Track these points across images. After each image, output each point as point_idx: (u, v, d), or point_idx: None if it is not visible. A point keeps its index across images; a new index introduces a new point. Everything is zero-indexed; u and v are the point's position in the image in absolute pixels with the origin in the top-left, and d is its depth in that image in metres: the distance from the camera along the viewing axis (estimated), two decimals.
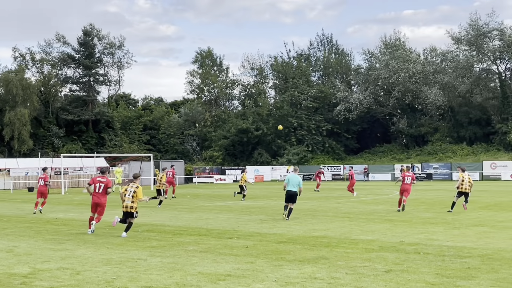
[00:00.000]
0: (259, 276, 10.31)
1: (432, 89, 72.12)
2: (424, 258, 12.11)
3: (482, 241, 14.64)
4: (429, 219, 20.37)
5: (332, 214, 23.10)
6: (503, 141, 68.73)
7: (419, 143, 77.45)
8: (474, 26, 70.48)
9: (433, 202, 28.90)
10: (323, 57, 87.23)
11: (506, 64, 73.65)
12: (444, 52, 76.73)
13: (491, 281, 9.71)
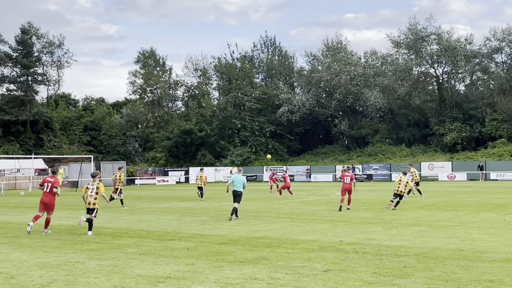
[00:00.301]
0: (199, 278, 10.27)
1: (372, 92, 73.57)
2: (362, 258, 12.32)
3: (418, 240, 15.00)
4: (368, 219, 20.74)
5: (274, 215, 23.23)
6: (440, 142, 70.74)
7: (360, 144, 78.85)
8: (413, 30, 72.30)
9: (373, 202, 29.46)
10: (267, 59, 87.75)
11: (443, 68, 75.90)
12: (384, 55, 78.44)
13: (426, 279, 9.96)
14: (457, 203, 28.08)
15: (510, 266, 11.11)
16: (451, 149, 69.48)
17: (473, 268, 10.96)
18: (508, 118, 66.48)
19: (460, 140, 68.38)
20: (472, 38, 72.94)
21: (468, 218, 20.74)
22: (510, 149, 64.08)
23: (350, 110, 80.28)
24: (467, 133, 68.76)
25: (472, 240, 14.94)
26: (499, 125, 66.54)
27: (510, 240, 14.73)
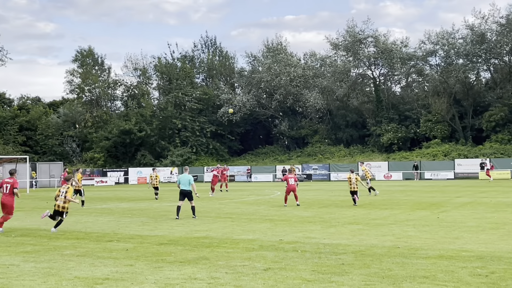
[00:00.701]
0: (138, 279, 10.17)
1: (312, 93, 74.52)
2: (301, 256, 12.47)
3: (356, 238, 15.29)
4: (307, 218, 20.99)
5: (214, 215, 23.22)
6: (377, 143, 72.32)
7: (299, 144, 79.71)
8: (351, 33, 73.61)
9: (312, 201, 29.82)
10: (207, 59, 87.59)
11: (380, 70, 77.67)
12: (323, 57, 79.60)
13: (363, 276, 10.18)
14: (393, 201, 28.77)
15: (444, 262, 11.47)
16: (387, 149, 71.15)
17: (408, 264, 11.27)
18: (442, 119, 68.61)
19: (396, 141, 70.11)
20: (407, 41, 75.02)
21: (404, 216, 21.27)
22: (443, 149, 66.16)
23: (290, 110, 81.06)
24: (403, 134, 70.56)
25: (407, 237, 15.34)
26: (433, 126, 68.59)
27: (443, 237, 15.19)
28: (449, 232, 16.22)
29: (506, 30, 64.93)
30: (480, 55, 68.09)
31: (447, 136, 69.39)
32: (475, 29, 67.62)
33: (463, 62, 69.63)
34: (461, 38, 69.91)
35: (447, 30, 71.13)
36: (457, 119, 70.16)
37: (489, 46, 66.76)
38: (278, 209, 25.12)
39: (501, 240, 14.52)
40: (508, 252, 12.51)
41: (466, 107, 71.33)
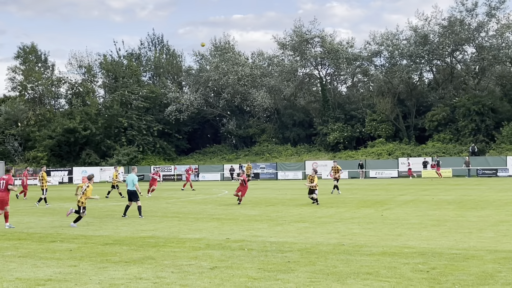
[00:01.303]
0: (82, 279, 10.00)
1: (259, 92, 74.77)
2: (248, 254, 12.52)
3: (302, 236, 15.45)
4: (254, 217, 21.08)
5: (161, 214, 23.05)
6: (324, 142, 73.14)
7: (247, 143, 79.87)
8: (298, 33, 74.18)
9: (259, 200, 29.93)
10: (154, 57, 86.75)
11: (326, 70, 78.50)
12: (270, 56, 79.95)
13: (308, 273, 10.30)
14: (339, 200, 29.18)
15: (387, 258, 11.72)
16: (333, 148, 72.07)
17: (352, 261, 11.46)
18: (386, 119, 69.95)
19: (342, 140, 71.08)
20: (353, 41, 76.05)
21: (349, 214, 21.61)
22: (388, 148, 67.47)
23: (238, 109, 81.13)
24: (349, 133, 71.60)
25: (352, 235, 15.60)
26: (378, 125, 69.86)
27: (387, 234, 15.51)
28: (392, 229, 16.57)
29: (448, 32, 66.68)
30: (423, 56, 69.72)
31: (391, 135, 70.80)
32: (419, 31, 69.19)
33: (407, 63, 71.14)
34: (405, 39, 71.42)
35: (392, 31, 72.60)
36: (401, 119, 71.67)
37: (432, 47, 68.43)
38: (225, 208, 25.14)
39: (442, 236, 14.93)
40: (449, 248, 12.87)
41: (410, 107, 72.95)
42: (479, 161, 58.35)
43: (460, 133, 65.94)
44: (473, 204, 24.34)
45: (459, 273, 10.11)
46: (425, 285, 9.20)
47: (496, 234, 15.11)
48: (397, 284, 9.31)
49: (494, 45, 65.95)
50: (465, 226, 16.89)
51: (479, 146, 62.82)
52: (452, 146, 64.78)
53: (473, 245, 13.35)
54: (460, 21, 66.34)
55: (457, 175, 57.42)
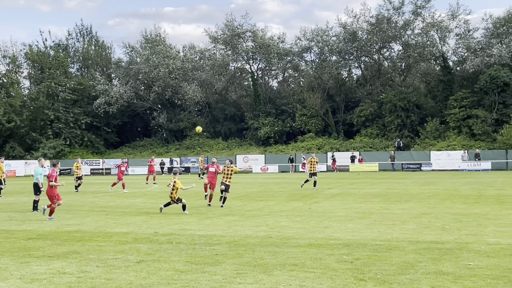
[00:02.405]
0: (3, 275, 9.69)
1: (191, 85, 74.37)
2: (176, 248, 12.46)
3: (231, 229, 15.50)
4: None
5: (88, 208, 22.59)
6: (255, 136, 73.57)
7: (178, 137, 79.35)
8: (230, 27, 74.22)
9: (189, 194, 29.76)
10: (83, 48, 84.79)
11: (258, 64, 78.90)
12: (202, 50, 79.61)
13: (235, 265, 10.34)
14: (269, 193, 29.44)
15: (313, 250, 11.91)
16: (264, 142, 72.61)
17: (279, 253, 11.59)
18: (316, 114, 71.03)
19: (272, 134, 71.70)
20: (284, 37, 76.85)
21: (278, 207, 21.83)
22: (317, 143, 68.58)
23: (169, 103, 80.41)
24: (279, 128, 72.29)
25: (280, 227, 15.77)
26: (308, 120, 70.85)
27: (314, 227, 15.77)
28: (319, 222, 16.86)
29: (376, 30, 68.31)
30: (352, 52, 71.22)
31: (321, 130, 71.99)
32: (348, 28, 70.55)
33: (336, 59, 72.43)
34: (334, 36, 72.66)
35: (322, 28, 73.76)
36: (330, 114, 72.96)
37: (360, 44, 69.95)
38: (154, 202, 24.91)
39: (367, 228, 15.31)
40: (373, 240, 13.22)
41: (339, 102, 74.36)
42: (404, 155, 60.20)
43: (386, 128, 67.79)
44: (398, 197, 25.07)
45: (382, 263, 10.40)
46: (349, 275, 9.42)
47: (418, 226, 15.62)
48: (322, 275, 9.48)
49: (419, 43, 68.09)
50: (389, 218, 17.38)
51: (404, 141, 64.81)
52: (379, 141, 66.51)
53: (396, 236, 13.75)
54: (387, 19, 68.11)
55: (383, 169, 58.99)
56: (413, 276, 9.28)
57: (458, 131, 63.20)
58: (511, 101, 61.62)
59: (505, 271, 9.52)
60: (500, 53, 61.52)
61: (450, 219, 16.98)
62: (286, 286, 8.76)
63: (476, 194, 25.99)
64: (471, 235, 13.74)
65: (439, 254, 11.17)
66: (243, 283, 9.00)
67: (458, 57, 71.36)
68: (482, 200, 22.92)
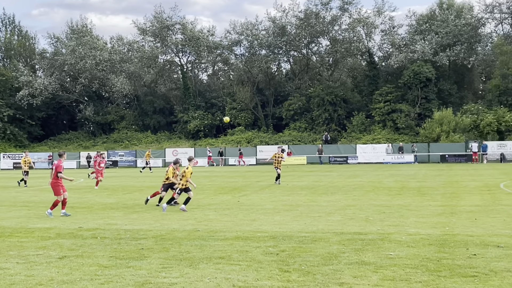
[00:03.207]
0: None
1: (118, 78, 73.01)
2: (100, 243, 12.24)
3: (158, 223, 15.37)
4: (110, 205, 20.65)
5: (9, 203, 21.87)
6: (184, 129, 73.14)
7: (106, 130, 77.88)
8: (159, 19, 73.35)
9: (117, 188, 29.33)
10: (5, 38, 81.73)
11: (187, 57, 78.40)
12: (130, 42, 78.33)
13: (161, 259, 10.27)
14: (198, 187, 29.15)
15: (240, 243, 11.98)
16: (194, 136, 72.29)
17: (206, 246, 11.59)
18: (246, 107, 71.29)
19: (202, 128, 71.47)
20: (214, 30, 76.64)
21: (207, 201, 21.82)
22: (247, 136, 68.87)
23: (96, 95, 78.72)
24: (209, 121, 72.12)
25: (208, 221, 15.76)
26: (238, 114, 71.00)
27: (242, 220, 15.85)
28: (247, 215, 16.96)
29: (304, 24, 69.11)
30: (281, 46, 71.83)
31: (251, 123, 72.34)
32: (277, 22, 71.08)
33: (266, 53, 72.88)
34: (264, 30, 73.04)
35: (251, 22, 74.00)
36: (259, 108, 73.40)
37: (289, 39, 70.61)
38: (80, 196, 24.37)
39: (293, 220, 15.52)
40: (299, 232, 13.42)
41: (268, 96, 74.91)
42: (331, 149, 61.30)
43: (314, 122, 68.83)
44: (324, 190, 25.53)
45: (307, 254, 10.58)
46: (274, 267, 9.52)
47: (343, 217, 15.96)
48: (247, 267, 9.55)
49: (346, 39, 69.46)
50: (315, 211, 17.67)
51: (331, 135, 66.01)
52: (307, 135, 67.48)
53: (321, 228, 14.01)
54: (316, 14, 69.06)
55: (311, 162, 59.90)
56: (336, 267, 9.49)
57: (383, 125, 64.95)
58: (433, 96, 63.87)
59: (423, 260, 9.87)
60: (423, 49, 63.55)
61: (373, 210, 17.45)
62: (212, 279, 8.78)
63: (399, 186, 26.80)
64: (393, 226, 14.16)
65: (362, 245, 11.46)
66: (168, 277, 8.95)
67: (383, 52, 73.27)
68: (405, 192, 23.66)
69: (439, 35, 65.25)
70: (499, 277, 8.60)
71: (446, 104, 63.03)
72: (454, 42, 65.09)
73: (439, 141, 59.01)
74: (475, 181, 28.79)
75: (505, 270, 9.04)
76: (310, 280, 8.64)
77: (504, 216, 15.42)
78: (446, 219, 15.19)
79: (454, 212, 16.67)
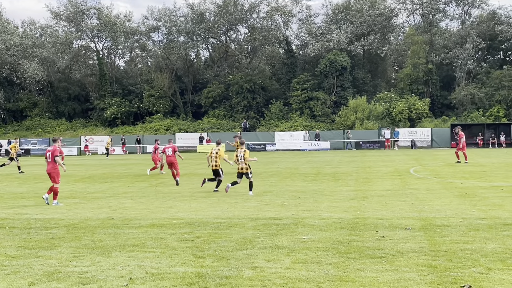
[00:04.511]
0: None
1: (31, 63, 70.37)
2: (9, 233, 11.85)
3: (71, 212, 15.02)
4: (21, 194, 20.03)
5: None
6: (101, 117, 71.60)
7: (17, 118, 75.09)
8: (73, 3, 71.34)
9: (28, 177, 28.36)
10: None
11: (103, 43, 76.66)
12: (43, 26, 75.73)
13: (72, 248, 10.05)
14: (114, 175, 28.83)
15: (155, 230, 11.89)
16: (111, 123, 70.93)
17: (120, 234, 11.44)
18: (164, 95, 70.57)
19: (119, 115, 70.21)
20: (131, 15, 75.32)
21: (123, 189, 21.48)
22: (165, 124, 68.22)
23: (7, 81, 75.63)
24: (127, 108, 70.94)
25: (123, 209, 15.55)
26: (156, 101, 70.22)
27: (158, 207, 15.73)
28: (164, 202, 16.86)
29: (223, 12, 68.99)
30: (200, 34, 71.45)
31: (169, 111, 71.70)
32: (195, 9, 70.64)
33: (184, 40, 72.31)
34: (182, 16, 72.44)
35: (169, 8, 73.54)
36: (178, 95, 72.83)
37: (208, 26, 70.34)
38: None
39: (210, 207, 15.56)
40: (215, 218, 13.47)
41: (187, 84, 74.43)
42: (250, 136, 61.67)
43: (233, 110, 69.07)
44: None
45: (222, 240, 10.64)
46: (189, 253, 9.52)
47: (259, 203, 16.15)
48: (161, 254, 9.50)
49: (264, 27, 69.98)
50: (232, 197, 17.78)
51: (250, 122, 66.46)
52: (226, 122, 67.63)
53: (238, 214, 14.12)
54: (234, 1, 69.11)
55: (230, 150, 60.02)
56: (250, 251, 9.60)
57: (300, 113, 66.00)
58: (348, 84, 65.46)
59: (334, 243, 10.14)
60: (338, 38, 64.94)
61: (289, 196, 17.75)
62: (124, 266, 8.68)
63: (315, 172, 27.35)
64: (307, 210, 14.46)
65: (276, 230, 11.64)
66: (79, 265, 8.78)
67: (300, 41, 74.35)
68: (320, 177, 24.18)
69: (354, 25, 66.89)
70: (405, 257, 8.97)
71: (361, 92, 64.82)
72: (368, 32, 66.92)
73: (354, 128, 60.61)
74: (387, 166, 29.81)
75: (411, 251, 9.43)
76: (224, 265, 8.70)
77: (413, 200, 16.06)
78: (358, 203, 15.67)
79: (365, 196, 17.21)
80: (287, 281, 7.77)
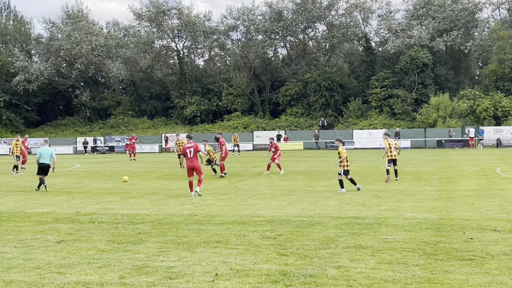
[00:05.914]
0: None
1: (115, 63, 72.67)
2: (98, 227, 12.26)
3: (155, 208, 15.40)
4: (107, 190, 20.66)
5: (6, 188, 21.90)
6: (181, 115, 73.02)
7: (102, 116, 77.70)
8: (155, 3, 72.97)
9: (113, 174, 29.32)
10: (0, 23, 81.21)
11: (183, 42, 78.11)
12: (126, 27, 77.98)
13: (159, 244, 10.30)
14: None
15: (237, 227, 12.01)
16: (190, 121, 72.19)
17: (203, 231, 11.62)
18: (242, 93, 71.16)
19: (199, 113, 71.37)
20: (210, 15, 76.22)
21: (204, 186, 21.75)
22: (243, 122, 68.79)
23: (92, 81, 78.46)
24: (206, 106, 72.02)
25: (205, 205, 15.79)
26: (234, 99, 70.90)
27: (239, 205, 15.88)
28: (244, 200, 17.00)
29: (301, 9, 68.76)
30: (278, 32, 71.56)
31: (247, 109, 72.23)
32: (273, 7, 70.75)
33: (262, 38, 72.61)
34: (260, 15, 72.75)
35: (248, 7, 73.80)
36: (256, 93, 73.26)
37: (286, 24, 70.32)
38: (77, 182, 24.40)
39: (290, 205, 15.56)
40: (295, 216, 13.45)
41: (265, 82, 74.74)
42: (328, 134, 61.21)
43: (311, 108, 68.80)
44: (321, 175, 25.57)
45: (304, 238, 10.61)
46: (272, 251, 9.56)
47: (340, 202, 16.01)
48: (245, 251, 9.58)
49: (343, 24, 69.22)
50: (312, 195, 17.72)
51: (328, 120, 66.01)
52: (304, 120, 67.45)
53: (318, 212, 14.05)
54: None
55: (308, 148, 59.91)
56: (334, 251, 9.53)
57: (379, 111, 64.93)
58: (429, 81, 63.80)
59: (420, 244, 9.91)
60: (419, 34, 63.39)
61: (370, 195, 17.50)
62: (209, 262, 8.81)
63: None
64: (390, 210, 14.21)
65: (358, 229, 11.50)
66: (166, 260, 8.98)
67: (380, 38, 73.09)
68: (401, 177, 23.68)
69: (436, 20, 65.10)
70: (496, 260, 8.65)
71: (443, 90, 63.04)
72: (451, 27, 64.97)
73: (436, 126, 59.05)
74: (471, 166, 28.87)
75: (502, 253, 9.09)
76: (308, 263, 8.67)
77: (501, 201, 15.48)
78: (443, 203, 15.25)
79: (450, 196, 16.73)
80: (373, 281, 7.66)
